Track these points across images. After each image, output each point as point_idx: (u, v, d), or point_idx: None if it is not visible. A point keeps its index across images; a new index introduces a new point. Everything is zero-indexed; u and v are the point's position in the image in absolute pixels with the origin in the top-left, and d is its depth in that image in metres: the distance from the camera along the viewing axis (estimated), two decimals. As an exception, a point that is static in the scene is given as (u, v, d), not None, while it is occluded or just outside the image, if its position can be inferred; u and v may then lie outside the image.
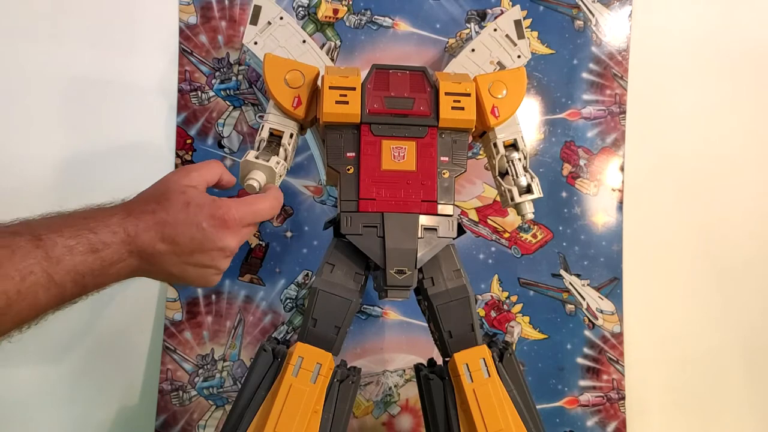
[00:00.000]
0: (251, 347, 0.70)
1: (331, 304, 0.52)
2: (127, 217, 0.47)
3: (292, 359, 0.50)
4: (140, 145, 0.70)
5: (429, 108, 0.54)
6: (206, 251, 0.49)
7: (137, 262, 0.47)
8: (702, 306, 0.76)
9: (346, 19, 0.72)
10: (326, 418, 0.51)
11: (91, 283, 0.45)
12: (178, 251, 0.48)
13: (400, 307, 0.72)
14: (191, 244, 0.48)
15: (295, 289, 0.71)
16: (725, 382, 0.77)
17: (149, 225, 0.47)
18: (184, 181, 0.50)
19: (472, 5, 0.73)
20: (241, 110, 0.71)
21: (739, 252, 0.77)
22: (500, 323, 0.73)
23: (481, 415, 0.50)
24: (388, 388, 0.72)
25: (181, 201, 0.48)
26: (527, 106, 0.73)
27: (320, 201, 0.71)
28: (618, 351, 0.74)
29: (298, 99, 0.55)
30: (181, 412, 0.70)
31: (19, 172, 0.68)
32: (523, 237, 0.74)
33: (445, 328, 0.53)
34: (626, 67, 0.75)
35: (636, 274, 0.74)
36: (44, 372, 0.69)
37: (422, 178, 0.53)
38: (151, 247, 0.47)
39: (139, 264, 0.47)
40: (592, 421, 0.74)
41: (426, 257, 0.52)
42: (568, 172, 0.74)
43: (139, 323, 0.70)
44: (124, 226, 0.46)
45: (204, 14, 0.70)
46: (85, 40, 0.69)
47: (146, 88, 0.70)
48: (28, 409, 0.69)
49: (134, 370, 0.70)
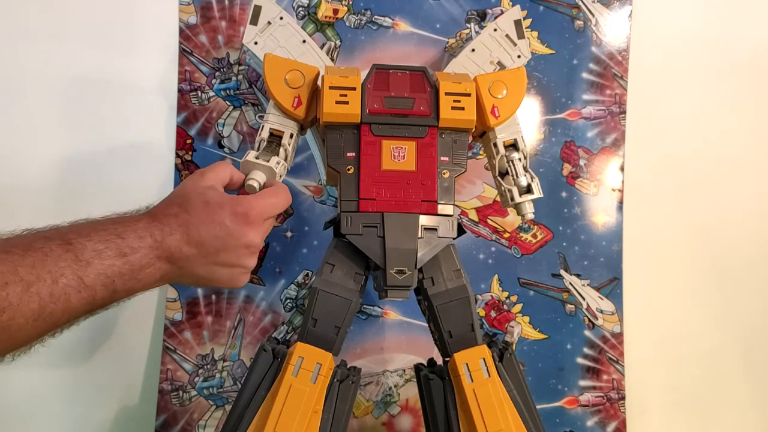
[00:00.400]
0: (251, 347, 0.70)
1: (331, 304, 0.52)
2: (152, 222, 0.48)
3: (292, 359, 0.50)
4: (140, 145, 0.70)
5: (429, 108, 0.54)
6: (231, 249, 0.50)
7: (166, 266, 0.48)
8: (702, 306, 0.77)
9: (346, 19, 0.72)
10: (326, 418, 0.51)
11: (121, 288, 0.46)
12: (204, 252, 0.49)
13: (400, 307, 0.72)
14: (216, 243, 0.49)
15: (295, 289, 0.71)
16: (725, 382, 0.77)
17: (174, 228, 0.48)
18: (201, 183, 0.51)
19: (472, 5, 0.73)
20: (241, 110, 0.71)
21: (739, 252, 0.77)
22: (500, 323, 0.73)
23: (481, 415, 0.50)
24: (388, 388, 0.72)
25: (202, 202, 0.49)
26: (527, 106, 0.73)
27: (320, 201, 0.71)
28: (618, 351, 0.74)
29: (298, 99, 0.55)
30: (181, 412, 0.70)
31: (19, 172, 0.68)
32: (523, 237, 0.74)
33: (445, 328, 0.53)
34: (626, 67, 0.75)
35: (636, 274, 0.74)
36: (44, 372, 0.69)
37: (422, 178, 0.53)
38: (178, 250, 0.48)
39: (168, 268, 0.48)
40: (592, 421, 0.74)
41: (426, 257, 0.52)
42: (568, 172, 0.74)
43: (139, 323, 0.70)
44: (151, 231, 0.47)
45: (204, 14, 0.70)
46: (85, 40, 0.69)
47: (146, 88, 0.70)
48: (29, 409, 0.69)
49: (134, 370, 0.70)
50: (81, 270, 0.43)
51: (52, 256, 0.42)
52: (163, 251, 0.47)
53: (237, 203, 0.50)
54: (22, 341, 0.42)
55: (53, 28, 0.69)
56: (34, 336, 0.42)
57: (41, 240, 0.43)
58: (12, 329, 0.40)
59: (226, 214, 0.49)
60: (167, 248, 0.47)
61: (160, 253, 0.47)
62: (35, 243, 0.43)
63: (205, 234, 0.48)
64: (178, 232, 0.48)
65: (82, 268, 0.43)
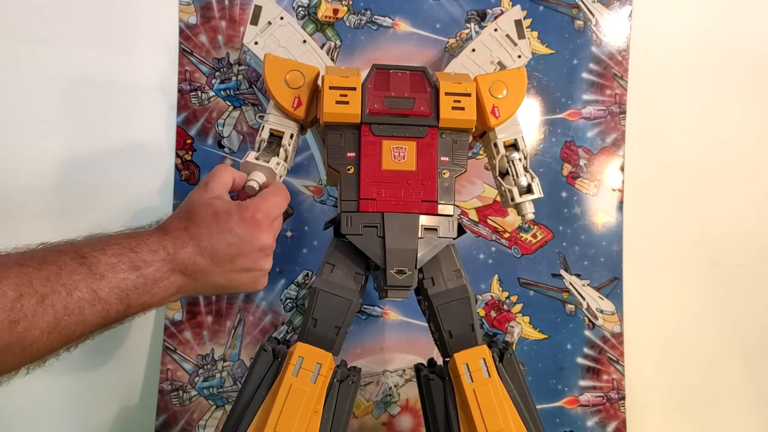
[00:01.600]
0: (251, 347, 0.70)
1: (332, 304, 0.52)
2: (164, 236, 0.48)
3: (292, 359, 0.50)
4: (140, 145, 0.70)
5: (429, 108, 0.54)
6: (246, 254, 0.50)
7: (181, 279, 0.48)
8: (702, 306, 0.76)
9: (346, 19, 0.72)
10: (326, 418, 0.51)
11: (136, 302, 0.46)
12: (218, 261, 0.49)
13: (400, 307, 0.72)
14: (230, 251, 0.49)
15: (295, 289, 0.71)
16: (725, 381, 0.77)
17: (185, 241, 0.48)
18: (206, 195, 0.51)
19: (472, 5, 0.73)
20: (241, 110, 0.71)
21: (739, 251, 0.77)
22: (500, 323, 0.73)
23: (481, 415, 0.50)
24: (388, 388, 0.72)
25: (210, 213, 0.50)
26: (527, 106, 0.73)
27: (320, 201, 0.71)
28: (618, 351, 0.74)
29: (298, 99, 0.55)
30: (181, 412, 0.70)
31: (19, 172, 0.68)
32: (523, 237, 0.74)
33: (445, 328, 0.53)
34: (626, 67, 0.75)
35: (636, 274, 0.74)
36: (44, 372, 0.68)
37: (422, 178, 0.53)
38: (192, 262, 0.48)
39: (184, 281, 0.49)
40: (592, 421, 0.74)
41: (426, 257, 0.52)
42: (568, 172, 0.74)
43: (139, 323, 0.70)
44: (163, 244, 0.48)
45: (204, 14, 0.70)
46: (85, 40, 0.69)
47: (146, 88, 0.70)
48: (29, 410, 0.68)
49: (134, 370, 0.70)
50: (95, 283, 0.44)
51: (67, 269, 0.43)
52: (176, 264, 0.48)
53: (244, 209, 0.50)
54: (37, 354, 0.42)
55: (53, 28, 0.69)
56: (49, 350, 0.43)
57: (55, 254, 0.44)
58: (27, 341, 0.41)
59: (235, 221, 0.49)
60: (180, 261, 0.48)
61: (174, 266, 0.48)
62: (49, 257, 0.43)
63: (218, 244, 0.49)
64: (189, 245, 0.48)
65: (96, 281, 0.44)
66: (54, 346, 0.43)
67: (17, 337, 0.40)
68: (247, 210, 0.50)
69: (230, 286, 0.52)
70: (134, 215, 0.69)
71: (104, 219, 0.66)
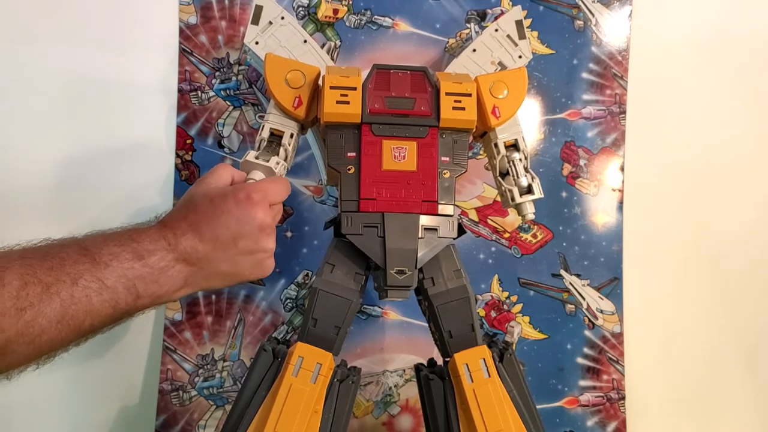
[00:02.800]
0: (251, 347, 0.70)
1: (332, 304, 0.52)
2: (163, 228, 0.49)
3: (292, 359, 0.50)
4: (140, 145, 0.70)
5: (430, 108, 0.54)
6: (246, 234, 0.50)
7: (187, 269, 0.49)
8: (702, 305, 0.76)
9: (346, 19, 0.72)
10: (326, 418, 0.51)
11: (145, 292, 0.47)
12: (220, 245, 0.49)
13: (400, 307, 0.72)
14: (229, 232, 0.49)
15: (295, 289, 0.71)
16: (725, 381, 0.77)
17: (184, 230, 0.49)
18: (203, 187, 0.52)
19: (472, 5, 0.73)
20: (241, 110, 0.71)
21: (739, 251, 0.77)
22: (500, 323, 0.73)
23: (481, 415, 0.50)
24: (388, 388, 0.72)
25: (207, 201, 0.50)
26: (527, 106, 0.73)
27: (320, 201, 0.71)
28: (618, 351, 0.74)
29: (298, 99, 0.55)
30: (181, 412, 0.70)
31: (19, 172, 0.68)
32: (523, 237, 0.74)
33: (445, 328, 0.53)
34: (626, 67, 0.75)
35: (636, 274, 0.74)
36: (44, 372, 0.68)
37: (423, 178, 0.53)
38: (194, 249, 0.49)
39: (189, 270, 0.49)
40: (592, 421, 0.74)
41: (426, 257, 0.52)
42: (568, 172, 0.74)
43: (139, 323, 0.70)
44: (163, 234, 0.48)
45: (204, 14, 0.70)
46: (85, 40, 0.69)
47: (146, 88, 0.70)
48: (29, 410, 0.68)
49: (134, 370, 0.70)
50: (99, 272, 0.44)
51: (70, 260, 0.44)
52: (179, 253, 0.48)
53: (238, 189, 0.50)
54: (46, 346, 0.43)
55: (53, 28, 0.69)
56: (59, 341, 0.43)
57: (57, 247, 0.45)
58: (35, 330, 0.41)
59: (231, 202, 0.50)
60: (182, 250, 0.48)
61: (177, 255, 0.48)
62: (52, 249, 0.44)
63: (217, 226, 0.49)
64: (189, 232, 0.49)
65: (101, 270, 0.44)
66: (63, 337, 0.43)
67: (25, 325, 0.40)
68: (241, 191, 0.50)
69: (237, 272, 0.51)
70: (134, 215, 0.69)
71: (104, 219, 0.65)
